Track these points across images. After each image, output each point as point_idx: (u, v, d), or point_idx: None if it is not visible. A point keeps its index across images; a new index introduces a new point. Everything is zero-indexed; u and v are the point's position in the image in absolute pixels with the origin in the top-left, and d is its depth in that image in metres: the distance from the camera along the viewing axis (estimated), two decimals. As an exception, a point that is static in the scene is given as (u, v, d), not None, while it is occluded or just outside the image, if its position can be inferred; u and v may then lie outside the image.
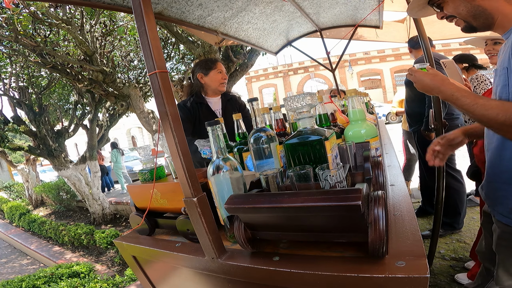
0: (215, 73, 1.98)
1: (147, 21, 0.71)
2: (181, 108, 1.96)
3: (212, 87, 2.02)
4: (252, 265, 0.70)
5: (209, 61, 2.02)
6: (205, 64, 2.00)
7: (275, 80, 25.31)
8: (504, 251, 1.07)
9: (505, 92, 0.89)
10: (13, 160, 9.48)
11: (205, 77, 2.00)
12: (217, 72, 1.99)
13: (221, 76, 2.01)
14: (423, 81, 1.03)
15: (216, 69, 1.99)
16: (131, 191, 1.15)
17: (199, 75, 2.01)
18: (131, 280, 3.47)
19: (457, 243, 2.55)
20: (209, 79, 2.00)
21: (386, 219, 0.57)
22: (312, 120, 0.83)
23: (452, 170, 2.60)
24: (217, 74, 1.99)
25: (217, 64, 2.00)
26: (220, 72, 2.00)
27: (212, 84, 2.00)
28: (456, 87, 0.94)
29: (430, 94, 1.04)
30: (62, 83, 7.13)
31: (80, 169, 7.21)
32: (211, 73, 1.98)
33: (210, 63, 2.00)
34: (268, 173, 0.78)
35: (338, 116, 1.49)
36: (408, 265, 0.55)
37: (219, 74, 2.00)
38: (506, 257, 1.06)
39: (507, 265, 1.05)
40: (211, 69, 1.98)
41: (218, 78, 1.99)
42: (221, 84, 2.01)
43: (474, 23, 0.99)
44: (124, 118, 9.18)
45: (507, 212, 0.99)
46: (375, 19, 2.95)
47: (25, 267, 5.65)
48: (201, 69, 2.00)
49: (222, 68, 2.02)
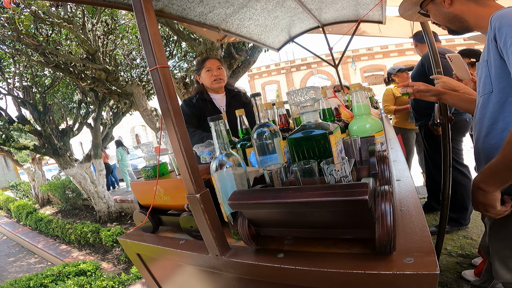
0: (204, 72, 2.01)
1: (147, 17, 0.70)
2: (187, 104, 1.98)
3: (207, 86, 2.03)
4: (257, 262, 0.69)
5: (200, 60, 2.05)
6: (197, 64, 2.06)
7: (277, 76, 25.20)
8: (496, 242, 1.06)
9: (488, 83, 0.98)
10: (19, 159, 9.58)
11: (200, 78, 2.04)
12: (206, 70, 2.00)
13: (211, 74, 1.99)
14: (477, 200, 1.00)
15: (205, 68, 1.99)
16: (135, 188, 1.14)
17: (196, 76, 2.05)
18: (136, 278, 3.49)
19: (464, 239, 2.52)
20: (203, 79, 2.03)
21: (394, 214, 0.56)
22: (316, 114, 0.82)
23: (459, 164, 2.57)
24: (207, 72, 1.99)
25: (206, 63, 1.99)
26: (209, 69, 1.99)
27: (206, 82, 2.02)
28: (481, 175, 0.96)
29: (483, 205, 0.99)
30: (66, 82, 7.16)
31: (85, 168, 7.26)
32: (202, 73, 2.02)
33: (200, 62, 2.04)
34: (272, 169, 0.77)
35: (342, 111, 1.47)
36: (416, 262, 0.53)
37: (209, 72, 1.99)
38: (499, 249, 1.04)
39: (502, 257, 1.04)
40: (201, 68, 2.01)
41: (208, 76, 2.00)
42: (214, 81, 2.01)
43: (452, 27, 1.12)
44: (127, 116, 9.21)
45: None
46: (378, 14, 2.91)
47: (32, 265, 5.72)
48: (195, 70, 2.05)
49: (211, 65, 1.99)
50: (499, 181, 0.91)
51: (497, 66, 0.92)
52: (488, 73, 0.98)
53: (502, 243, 1.04)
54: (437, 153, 2.55)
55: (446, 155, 1.95)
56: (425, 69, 2.42)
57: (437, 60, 1.91)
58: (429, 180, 3.09)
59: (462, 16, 1.07)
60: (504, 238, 1.03)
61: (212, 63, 2.00)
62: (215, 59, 2.03)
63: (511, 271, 1.02)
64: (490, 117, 1.01)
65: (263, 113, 0.99)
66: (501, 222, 1.02)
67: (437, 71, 1.90)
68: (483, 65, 1.01)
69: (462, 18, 1.07)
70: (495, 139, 0.99)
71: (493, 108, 0.98)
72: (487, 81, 0.99)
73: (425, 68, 2.42)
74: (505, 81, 0.92)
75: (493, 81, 0.96)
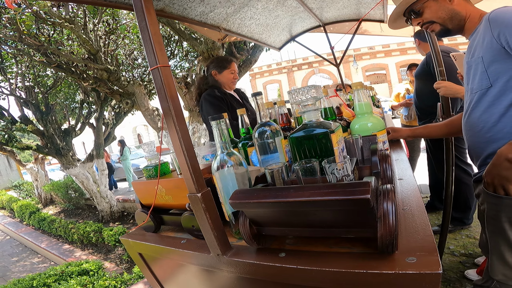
0: (228, 72, 2.17)
1: (147, 16, 0.70)
2: (213, 97, 2.09)
3: (223, 84, 2.19)
4: (258, 261, 0.68)
5: (224, 60, 2.20)
6: (221, 63, 2.18)
7: (279, 76, 25.18)
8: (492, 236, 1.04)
9: (485, 78, 1.01)
10: (22, 159, 9.60)
11: (218, 75, 2.17)
12: (230, 72, 2.18)
13: (233, 76, 2.20)
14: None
15: (230, 69, 2.18)
16: (136, 187, 1.14)
17: (213, 72, 2.17)
18: (139, 277, 3.50)
19: (467, 238, 2.51)
20: (222, 77, 2.17)
21: (396, 213, 0.55)
22: (318, 113, 0.81)
23: (462, 163, 2.55)
24: (230, 74, 2.18)
25: (232, 65, 2.19)
26: (233, 72, 2.20)
27: (224, 80, 2.18)
28: (510, 145, 0.96)
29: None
30: (68, 82, 7.19)
31: (87, 167, 7.28)
32: (225, 72, 2.17)
33: (225, 63, 2.18)
34: (273, 168, 0.76)
35: (344, 110, 1.46)
36: (419, 261, 0.53)
37: (232, 74, 2.19)
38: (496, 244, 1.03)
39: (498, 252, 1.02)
40: (226, 68, 2.17)
41: (230, 77, 2.18)
42: (232, 82, 2.21)
43: (449, 26, 1.13)
44: (129, 116, 9.24)
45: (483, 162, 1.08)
46: (380, 13, 2.90)
47: (36, 265, 5.75)
48: (216, 67, 2.17)
49: (235, 69, 2.21)
50: None
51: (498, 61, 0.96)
52: (484, 69, 1.01)
53: (497, 237, 1.03)
54: (440, 152, 2.54)
55: (449, 154, 1.94)
56: (430, 68, 2.41)
57: (439, 59, 1.90)
58: (432, 179, 3.07)
59: (464, 15, 1.10)
60: (498, 232, 1.01)
61: (236, 67, 2.23)
62: (236, 64, 2.28)
63: (508, 267, 1.00)
64: (486, 111, 1.03)
65: (264, 112, 0.99)
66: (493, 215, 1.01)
67: (439, 70, 1.89)
68: (477, 62, 1.04)
69: (463, 17, 1.10)
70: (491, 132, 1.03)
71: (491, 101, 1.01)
72: (483, 77, 1.02)
73: (430, 67, 2.41)
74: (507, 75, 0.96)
75: (491, 76, 0.99)
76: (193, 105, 4.88)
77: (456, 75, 1.95)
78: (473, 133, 1.11)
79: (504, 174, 0.93)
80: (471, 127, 1.12)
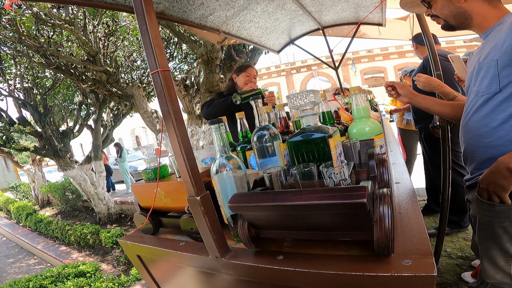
0: (243, 75, 2.43)
1: (148, 20, 0.71)
2: (218, 95, 2.41)
3: (239, 86, 2.44)
4: (256, 264, 0.69)
5: (243, 66, 2.49)
6: (240, 67, 2.48)
7: (278, 78, 25.24)
8: (483, 242, 1.05)
9: (495, 82, 0.98)
10: (19, 160, 9.57)
11: (236, 78, 2.46)
12: (246, 75, 2.43)
13: (248, 79, 2.44)
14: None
15: (245, 73, 2.43)
16: (135, 190, 1.15)
17: (234, 75, 2.48)
18: (136, 279, 3.49)
19: (464, 241, 2.52)
20: (238, 79, 2.45)
21: (392, 217, 0.56)
22: (316, 117, 0.82)
23: (459, 167, 2.57)
24: (245, 76, 2.43)
25: (248, 69, 2.45)
26: (248, 75, 2.43)
27: (239, 83, 2.44)
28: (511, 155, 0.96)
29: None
30: (67, 84, 7.18)
31: (85, 169, 7.26)
32: (241, 75, 2.44)
33: (243, 67, 2.46)
34: (272, 171, 0.77)
35: (342, 113, 1.47)
36: (414, 264, 0.54)
37: (246, 77, 2.43)
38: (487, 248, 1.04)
39: (490, 257, 1.03)
40: (242, 71, 2.43)
41: (244, 80, 2.43)
42: (245, 85, 2.42)
43: (452, 22, 1.13)
44: (128, 118, 9.23)
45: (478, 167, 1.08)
46: (378, 16, 2.92)
47: (32, 266, 5.71)
48: (236, 71, 2.48)
49: (251, 73, 2.45)
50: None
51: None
52: (496, 73, 0.98)
53: (488, 242, 1.03)
54: (437, 155, 2.55)
55: (446, 158, 1.96)
56: (427, 71, 2.43)
57: (437, 63, 1.92)
58: (429, 182, 3.09)
59: (470, 13, 1.07)
60: (490, 237, 1.02)
61: (251, 71, 2.45)
62: (254, 69, 2.50)
63: (500, 271, 1.01)
64: (488, 115, 1.01)
65: (263, 116, 1.00)
66: (486, 221, 1.02)
67: (436, 73, 1.91)
68: (489, 65, 1.00)
69: (470, 16, 1.08)
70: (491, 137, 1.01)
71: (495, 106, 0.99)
72: (494, 81, 0.98)
73: (427, 71, 2.43)
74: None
75: (502, 80, 0.96)
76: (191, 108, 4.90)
77: (452, 79, 1.96)
78: (471, 136, 1.10)
79: (501, 182, 0.93)
80: (470, 130, 1.10)
